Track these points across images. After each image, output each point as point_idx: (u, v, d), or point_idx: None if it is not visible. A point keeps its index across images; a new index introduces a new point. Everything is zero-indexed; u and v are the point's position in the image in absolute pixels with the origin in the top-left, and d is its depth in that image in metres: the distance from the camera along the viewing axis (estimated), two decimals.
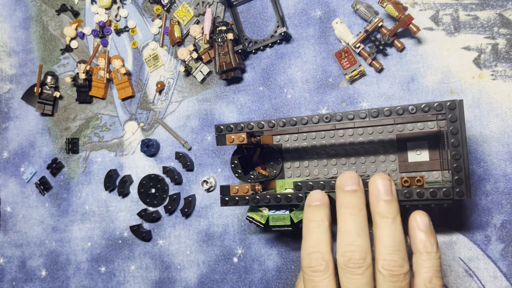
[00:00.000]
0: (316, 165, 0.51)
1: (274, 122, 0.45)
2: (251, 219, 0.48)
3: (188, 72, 0.61)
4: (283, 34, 0.54)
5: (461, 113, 0.39)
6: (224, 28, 0.56)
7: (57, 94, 0.67)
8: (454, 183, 0.39)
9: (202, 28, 0.58)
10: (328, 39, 0.55)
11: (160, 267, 0.61)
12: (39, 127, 0.69)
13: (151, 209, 0.62)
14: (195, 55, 0.58)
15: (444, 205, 0.40)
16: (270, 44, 0.57)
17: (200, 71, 0.59)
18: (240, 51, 0.56)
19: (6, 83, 0.71)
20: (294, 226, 0.46)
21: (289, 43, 0.56)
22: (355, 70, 0.53)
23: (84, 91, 0.65)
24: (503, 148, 0.48)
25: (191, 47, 0.59)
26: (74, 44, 0.67)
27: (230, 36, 0.56)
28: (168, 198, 0.61)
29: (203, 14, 0.60)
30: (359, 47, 0.52)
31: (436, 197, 0.39)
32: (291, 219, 0.46)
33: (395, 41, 0.51)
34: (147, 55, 0.63)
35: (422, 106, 0.39)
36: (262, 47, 0.57)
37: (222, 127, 0.47)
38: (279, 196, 0.44)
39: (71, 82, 0.66)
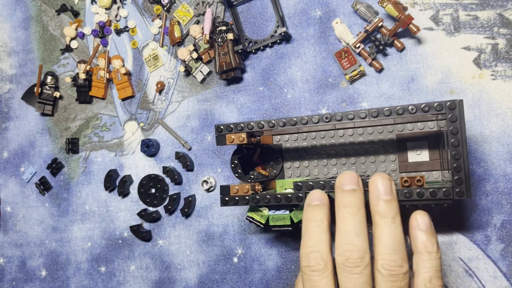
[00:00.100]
0: (316, 165, 0.51)
1: (274, 122, 0.45)
2: (251, 219, 0.48)
3: (188, 72, 0.61)
4: (283, 34, 0.54)
5: (461, 113, 0.39)
6: (224, 28, 0.56)
7: (57, 94, 0.67)
8: (454, 183, 0.39)
9: (202, 28, 0.58)
10: (328, 39, 0.55)
11: (160, 267, 0.61)
12: (39, 127, 0.69)
13: (151, 209, 0.62)
14: (195, 55, 0.58)
15: (444, 205, 0.40)
16: (270, 44, 0.57)
17: (200, 71, 0.59)
18: (240, 51, 0.56)
19: (6, 83, 0.71)
20: (294, 226, 0.46)
21: (289, 43, 0.56)
22: (355, 70, 0.53)
23: (84, 91, 0.65)
24: (503, 148, 0.48)
25: (191, 47, 0.59)
26: (74, 44, 0.67)
27: (230, 36, 0.56)
28: (168, 198, 0.61)
29: (203, 14, 0.60)
30: (359, 47, 0.52)
31: (436, 197, 0.39)
32: (291, 219, 0.46)
33: (395, 41, 0.51)
34: (147, 55, 0.63)
35: (422, 106, 0.39)
36: (262, 47, 0.57)
37: (222, 127, 0.47)
38: (279, 196, 0.44)
39: (71, 82, 0.66)
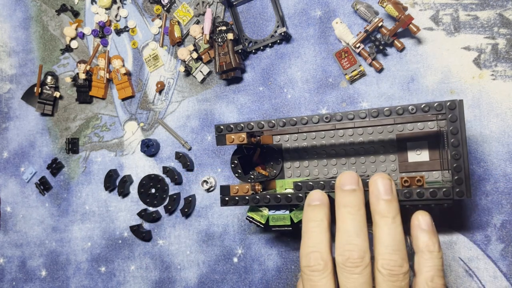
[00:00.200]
0: (316, 165, 0.51)
1: (274, 122, 0.45)
2: (251, 219, 0.48)
3: (188, 72, 0.61)
4: (283, 34, 0.54)
5: (461, 113, 0.39)
6: (224, 28, 0.56)
7: (57, 94, 0.67)
8: (454, 183, 0.39)
9: (202, 28, 0.58)
10: (328, 39, 0.55)
11: (160, 267, 0.61)
12: (39, 127, 0.69)
13: (151, 209, 0.62)
14: (195, 55, 0.58)
15: (444, 205, 0.40)
16: (270, 44, 0.57)
17: (200, 71, 0.59)
18: (240, 51, 0.56)
19: (6, 83, 0.71)
20: (294, 226, 0.46)
21: (289, 43, 0.56)
22: (355, 70, 0.53)
23: (84, 91, 0.65)
24: (503, 148, 0.48)
25: (191, 47, 0.59)
26: (74, 44, 0.67)
27: (230, 36, 0.56)
28: (168, 198, 0.61)
29: (203, 14, 0.60)
30: (359, 47, 0.52)
31: (436, 197, 0.39)
32: (291, 219, 0.46)
33: (395, 41, 0.51)
34: (147, 55, 0.63)
35: (422, 106, 0.39)
36: (262, 47, 0.57)
37: (222, 127, 0.47)
38: (279, 196, 0.44)
39: (71, 82, 0.66)
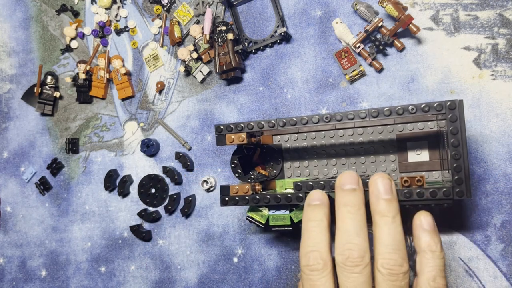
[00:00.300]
0: (316, 165, 0.51)
1: (274, 122, 0.45)
2: (251, 219, 0.48)
3: (188, 72, 0.61)
4: (283, 34, 0.54)
5: (461, 113, 0.39)
6: (224, 28, 0.56)
7: (57, 94, 0.67)
8: (454, 183, 0.39)
9: (202, 28, 0.58)
10: (328, 39, 0.55)
11: (160, 267, 0.61)
12: (39, 127, 0.69)
13: (151, 209, 0.62)
14: (195, 55, 0.58)
15: (444, 205, 0.40)
16: (270, 44, 0.57)
17: (200, 71, 0.59)
18: (240, 51, 0.56)
19: (6, 83, 0.71)
20: (294, 226, 0.46)
21: (289, 43, 0.56)
22: (355, 70, 0.53)
23: (84, 91, 0.65)
24: (503, 148, 0.48)
25: (191, 47, 0.59)
26: (74, 44, 0.67)
27: (230, 36, 0.56)
28: (168, 198, 0.61)
29: (203, 14, 0.60)
30: (359, 47, 0.52)
31: (436, 197, 0.39)
32: (291, 219, 0.46)
33: (395, 41, 0.51)
34: (147, 55, 0.63)
35: (422, 106, 0.39)
36: (262, 47, 0.57)
37: (222, 127, 0.47)
38: (279, 196, 0.44)
39: (71, 82, 0.66)
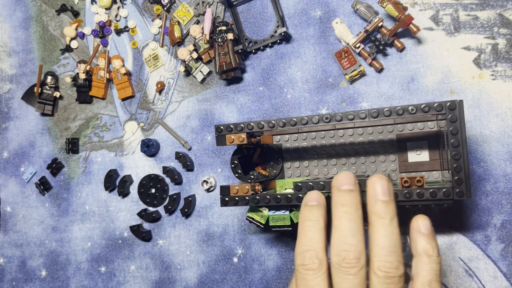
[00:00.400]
0: (316, 165, 0.51)
1: (274, 122, 0.45)
2: (251, 219, 0.47)
3: (188, 72, 0.61)
4: (283, 34, 0.54)
5: (461, 113, 0.39)
6: (224, 28, 0.56)
7: (57, 94, 0.67)
8: (454, 183, 0.39)
9: (202, 28, 0.58)
10: (328, 39, 0.55)
11: (160, 267, 0.61)
12: (39, 127, 0.69)
13: (151, 209, 0.62)
14: (195, 55, 0.58)
15: (444, 205, 0.40)
16: (270, 44, 0.57)
17: (200, 71, 0.59)
18: (240, 51, 0.56)
19: (6, 83, 0.71)
20: (294, 226, 0.46)
21: (289, 43, 0.56)
22: (355, 70, 0.53)
23: (84, 91, 0.65)
24: (503, 148, 0.48)
25: (191, 47, 0.59)
26: (74, 44, 0.67)
27: (230, 36, 0.56)
28: (168, 198, 0.61)
29: (203, 14, 0.60)
30: (359, 47, 0.52)
31: (436, 197, 0.39)
32: (291, 219, 0.46)
33: (395, 41, 0.51)
34: (147, 55, 0.63)
35: (422, 106, 0.39)
36: (262, 47, 0.57)
37: (222, 127, 0.47)
38: (279, 196, 0.44)
39: (71, 82, 0.66)
